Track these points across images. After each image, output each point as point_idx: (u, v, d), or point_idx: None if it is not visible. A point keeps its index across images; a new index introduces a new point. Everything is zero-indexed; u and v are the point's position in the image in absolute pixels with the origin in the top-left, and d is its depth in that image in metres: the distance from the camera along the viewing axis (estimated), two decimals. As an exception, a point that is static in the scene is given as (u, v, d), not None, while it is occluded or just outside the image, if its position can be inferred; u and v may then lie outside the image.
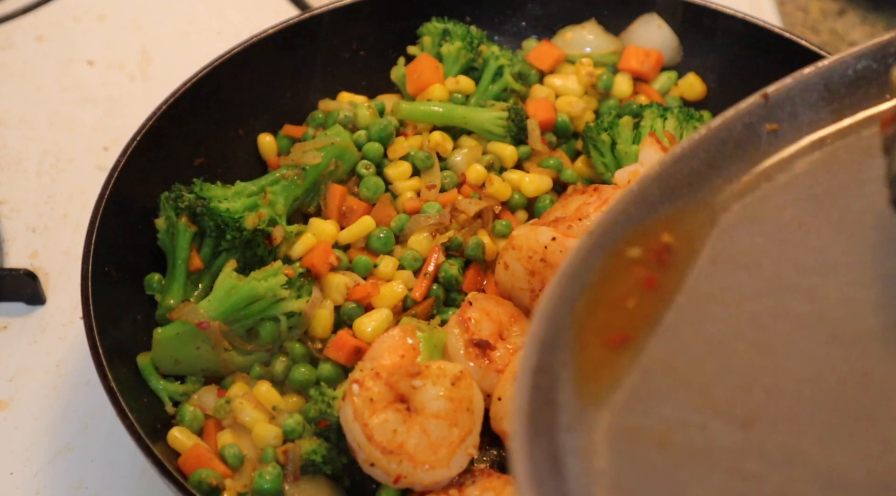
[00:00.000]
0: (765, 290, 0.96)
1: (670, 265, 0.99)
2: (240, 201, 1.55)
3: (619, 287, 0.97)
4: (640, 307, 0.96)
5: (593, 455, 0.87)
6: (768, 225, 1.01)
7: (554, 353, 0.91)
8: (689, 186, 1.04)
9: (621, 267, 0.98)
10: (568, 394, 0.90)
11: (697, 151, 1.05)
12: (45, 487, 1.53)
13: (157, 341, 1.48)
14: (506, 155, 1.72)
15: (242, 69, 1.75)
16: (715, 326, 0.95)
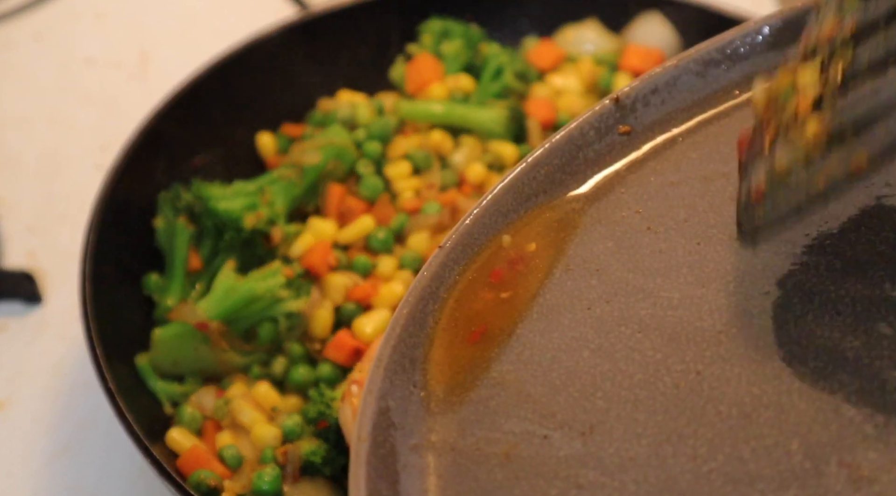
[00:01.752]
0: (611, 295, 0.98)
1: (524, 274, 1.01)
2: (238, 201, 1.54)
3: (471, 303, 0.99)
4: (491, 322, 0.98)
5: (431, 472, 0.89)
6: (619, 228, 1.03)
7: (402, 374, 0.94)
8: (544, 193, 1.06)
9: (475, 280, 1.00)
10: (414, 413, 0.92)
11: (551, 158, 1.07)
12: (43, 488, 1.52)
13: (156, 342, 1.47)
14: (506, 154, 1.71)
15: (242, 68, 1.75)
16: (563, 335, 0.96)
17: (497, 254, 1.03)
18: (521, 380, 0.94)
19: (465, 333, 0.97)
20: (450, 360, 0.96)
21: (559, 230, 1.04)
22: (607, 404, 0.90)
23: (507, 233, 1.04)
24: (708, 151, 1.08)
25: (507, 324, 0.98)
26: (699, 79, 1.12)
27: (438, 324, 0.98)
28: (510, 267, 1.01)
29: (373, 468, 0.88)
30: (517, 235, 1.04)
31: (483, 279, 1.01)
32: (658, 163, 1.09)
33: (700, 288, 0.97)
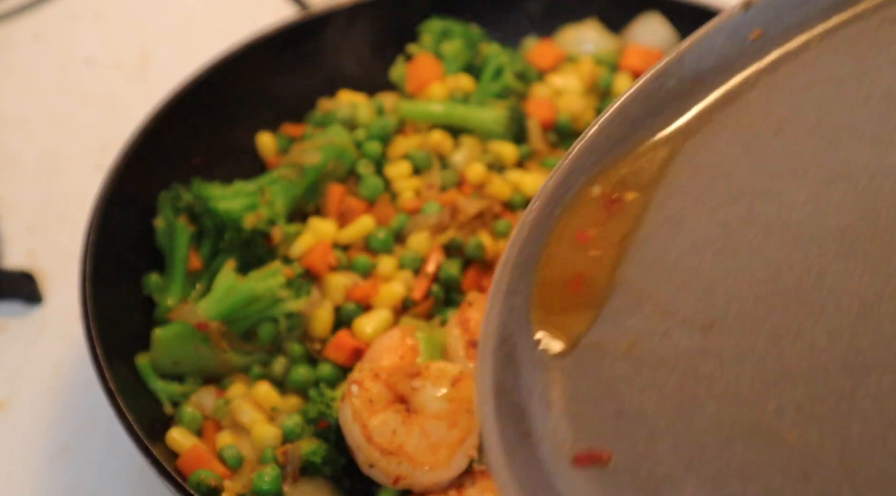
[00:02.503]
0: (737, 197, 1.01)
1: (648, 179, 1.05)
2: (238, 201, 1.54)
3: (582, 220, 1.02)
4: (611, 228, 1.02)
5: (553, 366, 0.93)
6: (747, 133, 1.05)
7: (527, 274, 0.98)
8: (670, 101, 1.08)
9: (585, 203, 1.03)
10: (530, 332, 0.96)
11: (679, 68, 1.09)
12: (43, 488, 1.52)
13: (156, 341, 1.47)
14: (506, 154, 1.71)
15: (242, 68, 1.75)
16: (687, 238, 1.00)
17: (623, 160, 1.05)
18: (643, 281, 0.97)
19: (582, 238, 1.01)
20: (572, 262, 1.00)
21: (688, 135, 1.05)
22: (728, 300, 0.94)
23: (636, 140, 1.06)
24: (842, 54, 1.08)
25: (627, 228, 1.01)
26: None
27: (558, 228, 1.01)
28: (619, 186, 1.04)
29: (498, 360, 0.91)
30: (643, 144, 1.06)
31: (593, 200, 1.03)
32: (789, 67, 1.08)
33: (827, 188, 0.99)
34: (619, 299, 0.97)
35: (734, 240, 0.98)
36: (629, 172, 1.04)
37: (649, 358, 0.92)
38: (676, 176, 1.04)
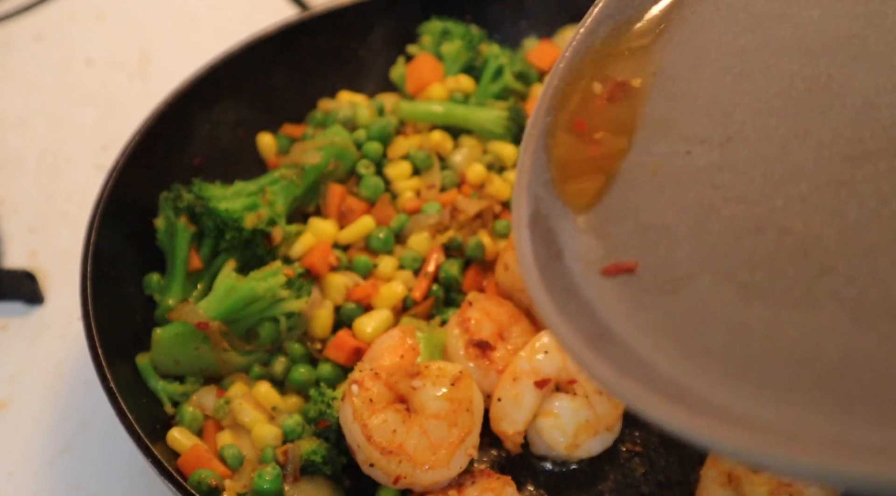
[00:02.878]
0: (756, 24, 1.11)
1: (671, 19, 1.16)
2: (239, 201, 1.55)
3: (615, 57, 1.16)
4: (634, 75, 1.13)
5: (582, 210, 1.06)
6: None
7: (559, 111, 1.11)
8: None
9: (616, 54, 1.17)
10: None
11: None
12: (44, 488, 1.53)
13: (157, 341, 1.47)
14: (506, 154, 1.72)
15: (242, 69, 1.75)
16: (709, 68, 1.10)
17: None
18: (667, 112, 1.09)
19: (609, 86, 1.13)
20: (596, 108, 1.12)
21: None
22: (744, 117, 1.05)
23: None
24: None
25: (652, 69, 1.12)
26: None
27: (585, 78, 1.14)
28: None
29: (533, 191, 1.04)
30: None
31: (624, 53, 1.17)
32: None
33: (840, 1, 1.09)
34: (645, 131, 1.08)
35: (751, 63, 1.08)
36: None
37: (672, 177, 1.04)
38: (697, 13, 1.14)
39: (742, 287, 0.97)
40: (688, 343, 0.95)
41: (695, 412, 0.88)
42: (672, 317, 0.98)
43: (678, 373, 0.92)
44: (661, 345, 0.95)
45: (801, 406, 0.88)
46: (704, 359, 0.94)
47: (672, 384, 0.91)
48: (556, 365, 1.43)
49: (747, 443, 0.85)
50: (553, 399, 1.44)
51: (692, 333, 0.96)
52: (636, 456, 1.48)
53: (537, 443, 1.45)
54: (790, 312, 0.94)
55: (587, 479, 1.46)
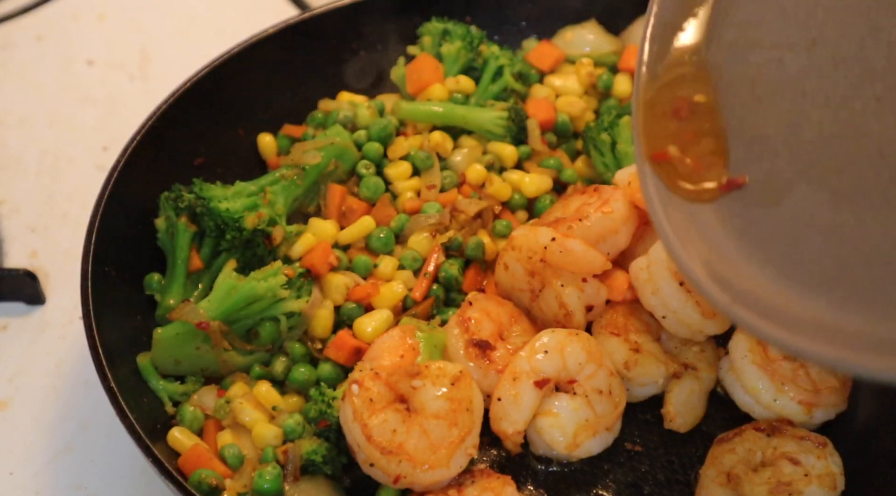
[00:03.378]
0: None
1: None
2: (239, 201, 1.55)
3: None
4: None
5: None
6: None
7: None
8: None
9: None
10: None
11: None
12: (45, 487, 1.53)
13: (157, 341, 1.48)
14: (506, 155, 1.72)
15: (242, 69, 1.75)
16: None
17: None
18: (757, 17, 1.21)
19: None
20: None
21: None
22: (825, 17, 1.16)
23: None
24: None
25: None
26: None
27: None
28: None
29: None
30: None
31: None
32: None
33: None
34: (742, 39, 1.20)
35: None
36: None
37: (768, 87, 1.15)
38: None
39: (832, 193, 1.07)
40: (789, 257, 1.07)
41: (791, 330, 1.01)
42: (775, 231, 1.09)
43: (778, 295, 1.04)
44: (765, 264, 1.08)
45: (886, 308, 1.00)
46: (803, 272, 1.05)
47: (773, 307, 1.04)
48: (555, 365, 1.43)
49: (834, 353, 0.98)
50: (553, 399, 1.44)
51: (793, 245, 1.08)
52: (636, 456, 1.48)
53: (537, 443, 1.45)
54: (873, 214, 1.04)
55: (587, 479, 1.46)
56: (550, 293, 1.50)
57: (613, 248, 1.53)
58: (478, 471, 1.40)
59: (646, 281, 1.49)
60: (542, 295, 1.52)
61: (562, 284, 1.49)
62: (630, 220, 1.54)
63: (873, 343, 0.98)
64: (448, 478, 1.36)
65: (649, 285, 1.48)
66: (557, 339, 1.44)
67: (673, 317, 1.48)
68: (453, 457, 1.35)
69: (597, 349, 1.46)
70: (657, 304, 1.48)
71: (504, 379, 1.43)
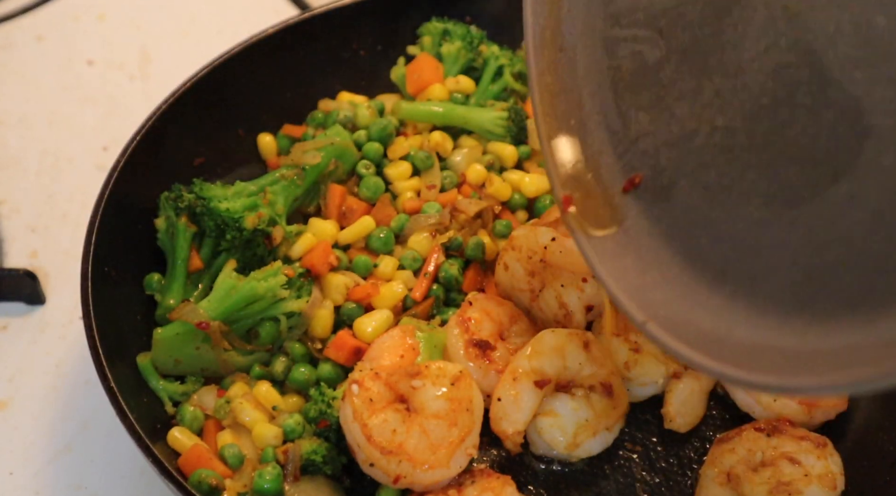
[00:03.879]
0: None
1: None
2: (240, 201, 1.55)
3: None
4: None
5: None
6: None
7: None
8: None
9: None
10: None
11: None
12: (45, 487, 1.53)
13: (157, 341, 1.48)
14: (506, 155, 1.72)
15: (242, 69, 1.75)
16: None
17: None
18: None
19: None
20: None
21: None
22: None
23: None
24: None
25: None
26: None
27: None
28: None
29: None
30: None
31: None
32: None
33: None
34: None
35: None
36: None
37: (633, 80, 1.20)
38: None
39: (705, 188, 1.11)
40: (687, 251, 1.12)
41: (694, 347, 1.05)
42: (673, 226, 1.13)
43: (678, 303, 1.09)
44: (673, 261, 1.12)
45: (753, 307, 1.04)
46: (701, 269, 1.10)
47: (680, 320, 1.08)
48: (555, 365, 1.43)
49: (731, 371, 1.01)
50: (553, 399, 1.44)
51: (688, 240, 1.12)
52: (636, 456, 1.48)
53: (537, 443, 1.45)
54: (734, 209, 1.08)
55: (587, 479, 1.46)
56: (550, 293, 1.50)
57: (613, 248, 1.53)
58: (478, 471, 1.40)
59: (646, 281, 1.49)
60: (542, 295, 1.52)
61: (562, 284, 1.49)
62: (630, 219, 1.54)
63: (751, 348, 1.03)
64: (448, 478, 1.37)
65: (649, 285, 1.48)
66: (557, 339, 1.44)
67: (673, 317, 1.48)
68: (453, 457, 1.35)
69: (597, 349, 1.46)
70: (657, 304, 1.48)
71: (504, 379, 1.43)
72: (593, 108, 1.25)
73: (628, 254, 1.17)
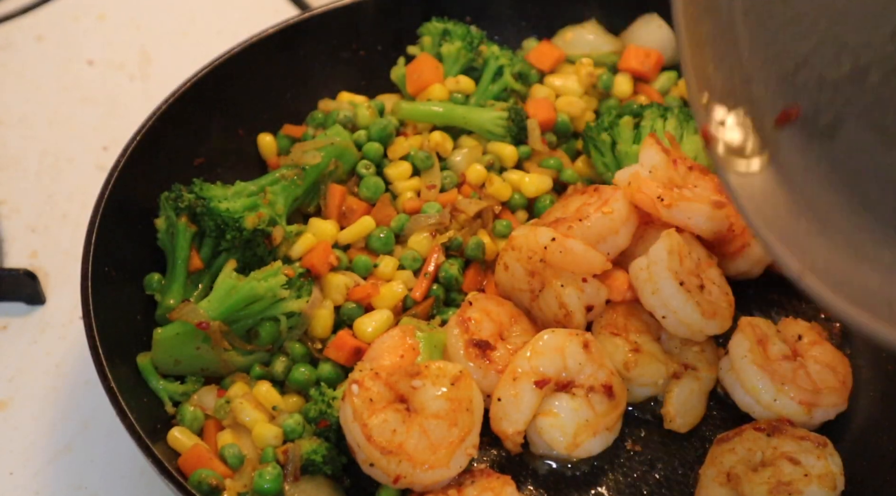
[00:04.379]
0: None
1: None
2: (240, 201, 1.55)
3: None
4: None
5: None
6: None
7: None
8: None
9: None
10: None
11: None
12: (45, 487, 1.53)
13: (157, 341, 1.48)
14: (506, 155, 1.72)
15: (242, 69, 1.75)
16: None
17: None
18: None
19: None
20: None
21: None
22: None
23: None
24: None
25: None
26: None
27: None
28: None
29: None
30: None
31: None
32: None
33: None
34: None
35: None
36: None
37: (801, 9, 1.08)
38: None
39: (882, 131, 1.00)
40: (853, 197, 1.00)
41: (861, 306, 0.95)
42: (836, 168, 1.02)
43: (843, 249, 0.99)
44: (836, 205, 1.01)
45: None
46: (868, 219, 0.99)
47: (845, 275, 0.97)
48: (555, 365, 1.43)
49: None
50: (553, 399, 1.44)
51: (854, 185, 1.01)
52: (636, 456, 1.49)
53: (537, 443, 1.45)
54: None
55: (587, 479, 1.46)
56: (550, 293, 1.50)
57: (613, 248, 1.53)
58: (478, 471, 1.40)
59: (646, 281, 1.49)
60: (542, 295, 1.52)
61: (562, 284, 1.49)
62: (630, 220, 1.54)
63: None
64: (448, 477, 1.37)
65: (649, 285, 1.48)
66: (557, 339, 1.45)
67: (673, 317, 1.48)
68: (453, 457, 1.35)
69: (597, 349, 1.46)
70: (657, 304, 1.48)
71: (504, 379, 1.43)
72: (745, 26, 1.14)
73: (780, 194, 1.06)
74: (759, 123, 1.10)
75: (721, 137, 1.11)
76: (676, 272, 1.47)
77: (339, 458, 1.41)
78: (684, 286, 1.46)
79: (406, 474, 1.34)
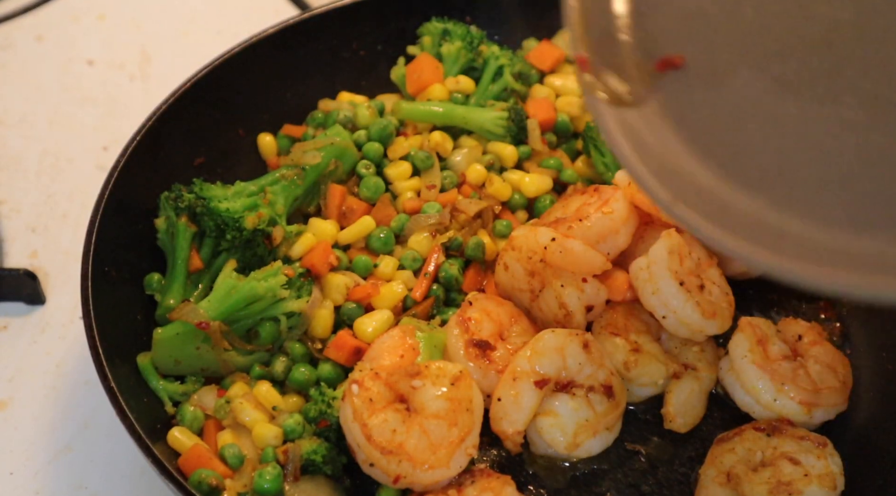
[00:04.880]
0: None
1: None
2: (240, 201, 1.55)
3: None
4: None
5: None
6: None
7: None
8: None
9: None
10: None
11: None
12: (45, 487, 1.53)
13: (157, 341, 1.48)
14: (506, 155, 1.72)
15: (242, 69, 1.75)
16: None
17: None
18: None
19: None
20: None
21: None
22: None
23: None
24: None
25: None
26: None
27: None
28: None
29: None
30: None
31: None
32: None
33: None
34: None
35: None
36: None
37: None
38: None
39: (775, 80, 1.01)
40: (730, 150, 1.01)
41: (729, 229, 0.96)
42: (716, 119, 1.03)
43: (720, 191, 0.99)
44: (707, 156, 1.02)
45: (818, 207, 0.95)
46: (744, 166, 1.00)
47: (717, 205, 0.99)
48: (555, 365, 1.43)
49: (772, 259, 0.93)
50: (553, 398, 1.44)
51: (734, 136, 1.02)
52: (636, 455, 1.49)
53: (537, 443, 1.45)
54: (817, 107, 0.99)
55: (587, 479, 1.46)
56: (550, 293, 1.50)
57: (613, 248, 1.53)
58: (478, 471, 1.40)
59: (646, 281, 1.49)
60: (542, 295, 1.52)
61: (562, 284, 1.49)
62: (630, 220, 1.54)
63: (811, 249, 0.93)
64: (448, 478, 1.37)
65: (649, 285, 1.48)
66: (557, 339, 1.45)
67: (673, 317, 1.48)
68: (453, 457, 1.35)
69: (597, 349, 1.46)
70: (657, 304, 1.48)
71: (504, 379, 1.43)
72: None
73: (653, 133, 1.06)
74: (640, 65, 1.10)
75: (598, 71, 1.12)
76: (676, 272, 1.47)
77: (339, 458, 1.41)
78: (684, 286, 1.46)
79: (406, 474, 1.34)
